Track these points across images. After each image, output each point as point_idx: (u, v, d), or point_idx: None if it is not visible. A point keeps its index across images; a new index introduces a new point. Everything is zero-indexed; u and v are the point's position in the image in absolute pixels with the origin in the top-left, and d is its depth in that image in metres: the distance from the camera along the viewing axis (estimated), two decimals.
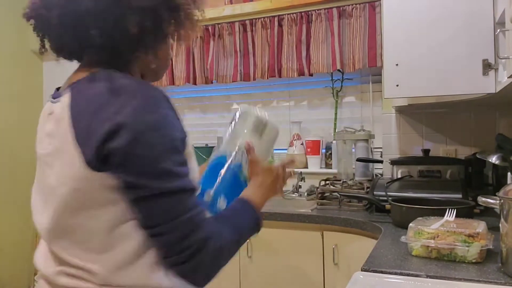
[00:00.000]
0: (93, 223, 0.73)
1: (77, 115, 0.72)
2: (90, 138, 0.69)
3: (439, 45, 1.62)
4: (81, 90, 0.75)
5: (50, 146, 0.75)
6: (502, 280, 0.96)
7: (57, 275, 0.77)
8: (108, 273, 0.72)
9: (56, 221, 0.75)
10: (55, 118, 0.75)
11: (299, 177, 2.47)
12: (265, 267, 2.03)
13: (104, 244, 0.73)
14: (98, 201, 0.71)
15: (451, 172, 1.99)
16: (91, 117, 0.70)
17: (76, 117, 0.72)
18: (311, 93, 2.74)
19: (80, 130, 0.70)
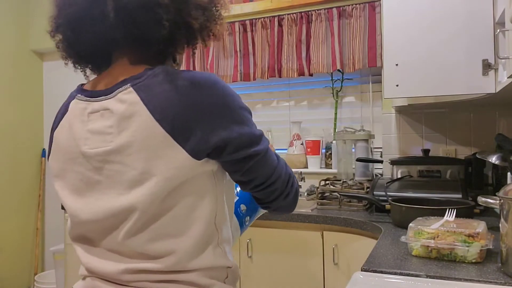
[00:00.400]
0: (177, 210, 0.76)
1: (161, 111, 0.73)
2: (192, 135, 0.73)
3: (439, 45, 1.62)
4: (149, 86, 0.75)
5: (114, 142, 0.75)
6: (502, 280, 0.96)
7: (121, 274, 0.78)
8: (182, 257, 0.77)
9: (140, 216, 0.75)
10: (120, 115, 0.75)
11: (299, 177, 2.47)
12: (265, 267, 2.03)
13: (181, 229, 0.77)
14: (190, 187, 0.76)
15: (451, 172, 1.99)
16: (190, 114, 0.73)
17: (160, 113, 0.73)
18: (311, 93, 2.74)
19: (175, 126, 0.73)
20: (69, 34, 0.83)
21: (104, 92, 0.79)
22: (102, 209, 0.77)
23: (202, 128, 0.73)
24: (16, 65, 3.31)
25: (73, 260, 2.43)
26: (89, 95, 0.81)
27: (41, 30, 3.61)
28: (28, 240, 3.37)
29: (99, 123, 0.77)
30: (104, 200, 0.77)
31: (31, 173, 3.40)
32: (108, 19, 0.77)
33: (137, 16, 0.77)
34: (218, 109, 0.75)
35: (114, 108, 0.76)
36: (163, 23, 0.77)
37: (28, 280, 3.37)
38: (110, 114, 0.76)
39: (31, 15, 3.40)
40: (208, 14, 0.84)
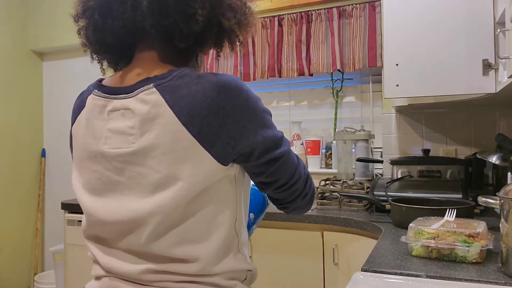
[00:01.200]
0: (200, 215, 0.75)
1: (187, 115, 0.72)
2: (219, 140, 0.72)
3: (439, 45, 1.62)
4: (174, 87, 0.73)
5: (137, 144, 0.74)
6: (502, 280, 0.95)
7: (142, 274, 0.76)
8: (206, 263, 0.76)
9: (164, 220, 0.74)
10: (143, 116, 0.73)
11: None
12: (265, 267, 2.03)
13: (204, 234, 0.76)
14: (214, 192, 0.76)
15: (451, 172, 1.99)
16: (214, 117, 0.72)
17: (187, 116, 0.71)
18: (311, 93, 2.73)
19: (202, 130, 0.72)
20: (96, 18, 0.80)
21: (124, 89, 0.77)
22: (122, 211, 0.76)
23: (228, 133, 0.73)
24: (16, 65, 3.31)
25: (73, 260, 2.43)
26: (108, 91, 0.78)
27: (41, 30, 3.63)
28: (28, 240, 3.37)
29: (120, 123, 0.75)
30: (124, 201, 0.76)
31: (31, 173, 3.40)
32: (140, 6, 0.76)
33: (170, 7, 0.75)
34: (243, 113, 0.74)
35: (136, 108, 0.74)
36: (197, 17, 0.76)
37: (28, 280, 3.36)
38: (131, 114, 0.74)
39: (31, 15, 3.40)
40: (239, 18, 0.84)
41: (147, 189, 0.73)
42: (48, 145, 3.50)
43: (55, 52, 3.46)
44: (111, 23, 0.79)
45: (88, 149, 0.79)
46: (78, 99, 0.86)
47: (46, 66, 3.54)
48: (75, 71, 3.38)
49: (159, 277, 0.77)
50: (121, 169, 0.75)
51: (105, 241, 0.81)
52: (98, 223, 0.79)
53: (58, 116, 3.46)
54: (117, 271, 0.79)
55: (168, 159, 0.72)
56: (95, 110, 0.79)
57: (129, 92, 0.76)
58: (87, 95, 0.82)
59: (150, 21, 0.76)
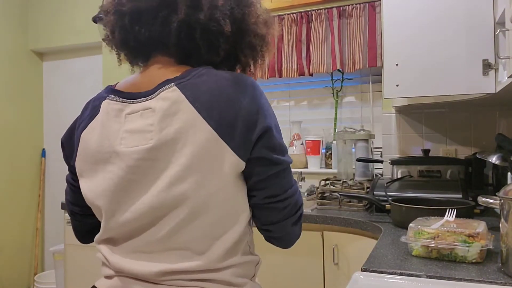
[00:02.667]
0: (220, 208, 0.77)
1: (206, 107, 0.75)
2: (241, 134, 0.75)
3: (439, 45, 1.62)
4: (194, 84, 0.77)
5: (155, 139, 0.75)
6: (502, 280, 0.95)
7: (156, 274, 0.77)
8: (221, 254, 0.78)
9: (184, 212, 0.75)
10: (163, 112, 0.75)
11: (299, 177, 2.47)
12: (265, 267, 2.03)
13: (225, 227, 0.79)
14: (232, 187, 0.78)
15: (451, 172, 1.99)
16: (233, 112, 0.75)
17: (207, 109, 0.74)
18: (311, 93, 2.74)
19: (222, 124, 0.74)
20: (126, 23, 0.84)
21: (144, 94, 0.80)
22: (141, 207, 0.77)
23: (244, 126, 0.75)
24: (16, 65, 3.31)
25: (73, 260, 2.43)
26: (126, 96, 0.81)
27: (41, 30, 3.62)
28: (28, 240, 3.37)
29: (138, 123, 0.77)
30: (142, 198, 0.77)
31: (31, 173, 3.40)
32: (169, 25, 0.81)
33: (197, 35, 0.81)
34: (258, 108, 0.77)
35: (157, 106, 0.76)
36: (219, 51, 0.84)
37: (28, 280, 3.36)
38: (151, 113, 0.76)
39: (31, 15, 3.40)
40: (255, 55, 0.91)
41: (166, 182, 0.74)
42: (48, 145, 3.50)
43: (55, 52, 3.46)
44: (137, 30, 0.83)
45: (102, 151, 0.80)
46: (88, 107, 0.87)
47: (46, 66, 3.54)
48: (75, 71, 3.38)
49: (172, 276, 0.77)
50: (137, 166, 0.76)
51: (120, 242, 0.82)
52: (117, 224, 0.80)
53: (58, 116, 3.46)
54: (130, 271, 0.79)
55: (189, 152, 0.74)
56: (111, 114, 0.81)
57: (151, 94, 0.78)
58: (100, 102, 0.84)
59: (174, 40, 0.82)
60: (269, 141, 0.78)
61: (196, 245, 0.77)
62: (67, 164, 0.92)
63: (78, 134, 0.86)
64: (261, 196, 0.82)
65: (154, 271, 0.77)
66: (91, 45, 3.21)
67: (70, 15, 3.26)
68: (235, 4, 0.85)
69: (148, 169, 0.76)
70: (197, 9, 0.81)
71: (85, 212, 0.92)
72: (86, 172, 0.83)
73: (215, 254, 0.78)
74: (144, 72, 0.86)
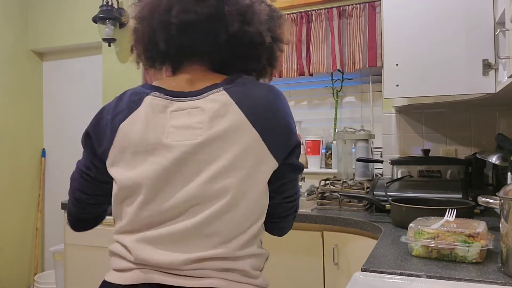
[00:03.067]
0: (252, 201, 0.86)
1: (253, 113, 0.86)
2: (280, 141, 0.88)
3: (439, 45, 1.62)
4: (242, 89, 0.88)
5: (198, 137, 0.84)
6: (502, 280, 0.95)
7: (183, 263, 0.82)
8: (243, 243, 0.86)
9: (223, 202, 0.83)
10: (213, 113, 0.85)
11: (299, 177, 2.47)
12: (265, 267, 2.03)
13: (252, 219, 0.88)
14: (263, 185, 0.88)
15: (451, 172, 1.99)
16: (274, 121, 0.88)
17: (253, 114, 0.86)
18: (311, 93, 2.74)
19: (265, 129, 0.86)
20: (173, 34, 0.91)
21: (190, 93, 0.89)
22: (179, 197, 0.83)
23: (282, 134, 0.88)
24: (16, 65, 3.31)
25: (73, 260, 2.43)
26: (171, 94, 0.89)
27: (41, 30, 3.62)
28: (28, 240, 3.37)
29: (185, 120, 0.86)
30: (183, 188, 0.83)
31: (31, 173, 3.40)
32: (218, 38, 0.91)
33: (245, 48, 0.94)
34: (291, 121, 0.92)
35: (206, 106, 0.86)
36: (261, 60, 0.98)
37: (28, 280, 3.36)
38: (200, 112, 0.86)
39: (31, 15, 3.40)
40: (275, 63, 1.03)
41: (209, 175, 0.83)
42: (48, 145, 3.50)
43: (55, 52, 3.46)
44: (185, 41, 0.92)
45: (146, 143, 0.86)
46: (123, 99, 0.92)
47: (46, 66, 3.54)
48: (75, 71, 3.38)
49: (198, 265, 0.82)
50: (183, 159, 0.84)
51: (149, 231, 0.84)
52: (153, 212, 0.84)
53: (58, 116, 3.46)
54: (155, 260, 0.82)
55: (234, 150, 0.83)
56: (156, 109, 0.87)
57: (197, 95, 0.88)
58: (142, 97, 0.90)
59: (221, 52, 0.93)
60: (299, 152, 0.93)
61: (225, 234, 0.83)
62: (92, 153, 0.94)
63: (114, 125, 0.89)
64: (280, 196, 0.96)
65: (180, 259, 0.81)
66: (91, 45, 3.21)
67: (70, 15, 3.26)
68: (270, 17, 0.96)
69: (192, 162, 0.83)
70: (247, 24, 0.91)
71: (91, 200, 0.98)
72: (123, 161, 0.88)
73: (238, 243, 0.85)
74: (180, 75, 0.95)
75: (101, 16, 2.92)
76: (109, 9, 2.93)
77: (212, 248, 0.83)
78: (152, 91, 0.90)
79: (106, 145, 0.90)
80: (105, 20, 2.94)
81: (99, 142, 0.91)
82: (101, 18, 2.92)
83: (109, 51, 3.09)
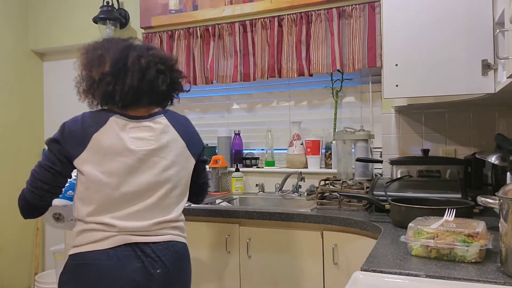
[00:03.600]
0: (183, 186, 1.43)
1: (181, 132, 1.42)
2: (196, 148, 1.47)
3: (439, 45, 1.62)
4: (173, 117, 1.43)
5: (151, 145, 1.34)
6: (501, 280, 0.96)
7: (151, 226, 1.31)
8: (179, 212, 1.41)
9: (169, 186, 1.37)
10: (157, 130, 1.36)
11: (299, 177, 2.47)
12: (265, 267, 2.03)
13: (182, 196, 1.44)
14: (189, 175, 1.45)
15: (451, 172, 1.99)
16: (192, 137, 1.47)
17: (182, 133, 1.42)
18: (311, 93, 2.74)
19: (188, 141, 1.44)
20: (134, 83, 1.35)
21: (142, 117, 1.37)
22: (141, 183, 1.31)
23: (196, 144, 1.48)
24: (16, 65, 3.31)
25: None
26: (127, 117, 1.34)
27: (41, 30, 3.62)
28: (28, 240, 3.37)
29: (140, 134, 1.33)
30: (143, 178, 1.31)
31: None
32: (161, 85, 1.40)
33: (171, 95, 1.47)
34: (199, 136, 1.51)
35: (154, 126, 1.37)
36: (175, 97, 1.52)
37: (28, 280, 3.37)
38: (150, 129, 1.35)
39: (31, 15, 3.40)
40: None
41: (159, 170, 1.34)
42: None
43: (56, 52, 3.47)
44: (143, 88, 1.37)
45: (114, 148, 1.28)
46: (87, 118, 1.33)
47: (46, 66, 3.54)
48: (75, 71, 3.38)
49: (159, 226, 1.33)
50: (142, 160, 1.32)
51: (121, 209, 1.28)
52: (121, 194, 1.28)
53: (58, 116, 3.45)
54: (132, 227, 1.28)
55: (173, 154, 1.38)
56: (120, 125, 1.32)
57: (146, 119, 1.37)
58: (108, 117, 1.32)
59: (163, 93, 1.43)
60: (204, 152, 1.53)
61: (172, 206, 1.38)
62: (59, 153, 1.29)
63: (88, 135, 1.28)
64: (199, 180, 1.54)
65: (147, 224, 1.30)
66: None
67: (71, 15, 3.27)
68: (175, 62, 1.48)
69: (148, 161, 1.33)
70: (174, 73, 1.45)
71: (50, 190, 1.30)
72: (95, 160, 1.27)
73: (178, 211, 1.40)
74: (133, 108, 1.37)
75: (102, 16, 2.92)
76: (110, 9, 2.94)
77: (165, 215, 1.35)
78: (114, 114, 1.33)
79: (77, 148, 1.27)
80: (106, 21, 2.94)
81: (68, 146, 1.28)
82: (102, 18, 2.93)
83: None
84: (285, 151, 2.72)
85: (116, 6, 3.02)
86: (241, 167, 2.76)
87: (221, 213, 2.10)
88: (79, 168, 1.27)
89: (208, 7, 2.78)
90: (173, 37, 2.87)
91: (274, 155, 2.78)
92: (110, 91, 1.32)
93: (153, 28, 2.95)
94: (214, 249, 2.13)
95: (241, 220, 2.08)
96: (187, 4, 2.83)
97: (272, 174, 2.70)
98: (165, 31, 2.90)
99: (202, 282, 2.15)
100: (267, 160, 2.77)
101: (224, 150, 2.81)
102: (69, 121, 1.32)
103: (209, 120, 3.03)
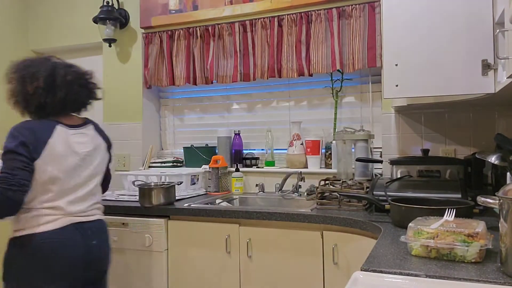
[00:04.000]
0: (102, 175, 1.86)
1: (103, 136, 1.86)
2: (109, 146, 1.90)
3: (439, 45, 1.62)
4: (96, 125, 1.85)
5: (89, 148, 1.75)
6: (501, 280, 0.96)
7: (87, 208, 1.73)
8: (100, 197, 1.85)
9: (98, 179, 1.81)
10: (90, 136, 1.78)
11: (299, 177, 2.47)
12: (265, 267, 2.03)
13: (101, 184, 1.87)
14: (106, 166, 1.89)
15: (451, 172, 1.99)
16: (108, 139, 1.90)
17: (103, 137, 1.86)
18: (311, 93, 2.74)
19: (106, 142, 1.87)
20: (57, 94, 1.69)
21: (77, 126, 1.75)
22: (83, 177, 1.73)
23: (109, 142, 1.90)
24: None
25: None
26: (68, 126, 1.70)
27: (42, 30, 3.62)
28: None
29: (80, 139, 1.73)
30: (85, 172, 1.73)
31: None
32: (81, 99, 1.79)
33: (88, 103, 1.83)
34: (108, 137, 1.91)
35: (88, 132, 1.78)
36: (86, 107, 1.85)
37: None
38: (85, 135, 1.75)
39: (31, 16, 3.40)
40: None
41: (94, 166, 1.77)
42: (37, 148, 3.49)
43: (56, 52, 3.46)
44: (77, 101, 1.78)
45: (65, 151, 1.66)
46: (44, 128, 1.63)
47: None
48: None
49: (92, 206, 1.75)
50: (84, 159, 1.73)
51: (69, 196, 1.66)
52: (70, 185, 1.67)
53: None
54: (76, 210, 1.68)
55: (100, 155, 1.81)
56: (67, 133, 1.69)
57: (81, 127, 1.76)
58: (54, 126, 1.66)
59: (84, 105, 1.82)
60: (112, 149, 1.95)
61: (98, 191, 1.82)
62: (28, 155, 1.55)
63: (44, 139, 1.60)
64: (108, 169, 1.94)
65: (85, 206, 1.72)
66: (91, 45, 3.22)
67: (71, 16, 3.26)
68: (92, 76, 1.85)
69: (88, 160, 1.74)
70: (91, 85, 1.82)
71: (29, 187, 1.56)
72: (52, 162, 1.61)
73: (100, 196, 1.85)
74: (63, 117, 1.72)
75: (102, 16, 2.92)
76: (110, 9, 2.94)
77: (96, 199, 1.79)
78: (57, 123, 1.66)
79: (38, 151, 1.57)
80: (106, 21, 2.94)
81: (33, 148, 1.56)
82: (102, 18, 2.93)
83: (109, 52, 3.09)
84: (285, 151, 2.72)
85: (116, 6, 3.02)
86: (241, 167, 2.77)
87: (221, 213, 2.10)
88: (40, 167, 1.58)
89: (208, 7, 2.78)
90: (173, 37, 2.88)
91: (274, 155, 2.79)
92: (42, 103, 1.64)
93: (153, 28, 2.95)
94: (214, 249, 2.13)
95: (241, 220, 2.08)
96: (187, 4, 2.84)
97: (272, 174, 2.70)
98: (165, 31, 2.90)
99: (202, 282, 2.15)
100: (267, 160, 2.77)
101: (224, 150, 2.81)
102: (22, 128, 1.58)
103: (209, 120, 3.03)
